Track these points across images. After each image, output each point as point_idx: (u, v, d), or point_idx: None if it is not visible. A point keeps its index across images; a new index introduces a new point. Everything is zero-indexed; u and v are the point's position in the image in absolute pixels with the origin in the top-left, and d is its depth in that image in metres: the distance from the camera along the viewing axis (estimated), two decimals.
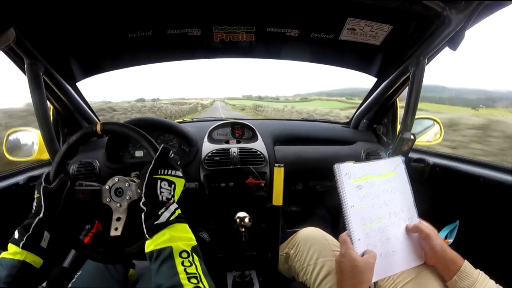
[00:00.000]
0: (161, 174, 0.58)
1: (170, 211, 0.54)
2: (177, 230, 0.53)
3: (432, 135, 1.36)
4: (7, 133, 1.17)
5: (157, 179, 0.58)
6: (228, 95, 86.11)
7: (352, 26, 1.03)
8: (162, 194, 0.56)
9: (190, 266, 0.48)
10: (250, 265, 1.10)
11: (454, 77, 48.61)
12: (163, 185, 0.58)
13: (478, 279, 0.59)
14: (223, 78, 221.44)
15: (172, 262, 0.48)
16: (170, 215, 0.54)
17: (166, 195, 0.57)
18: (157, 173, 0.58)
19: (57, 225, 0.61)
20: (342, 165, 0.63)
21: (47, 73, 0.96)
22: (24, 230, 0.57)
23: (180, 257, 0.49)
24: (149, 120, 1.23)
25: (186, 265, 0.48)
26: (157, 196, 0.56)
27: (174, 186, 0.59)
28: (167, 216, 0.54)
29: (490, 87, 22.15)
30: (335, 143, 1.36)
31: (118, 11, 0.92)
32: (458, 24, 0.83)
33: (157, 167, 0.59)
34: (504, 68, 55.88)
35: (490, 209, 0.92)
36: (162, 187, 0.57)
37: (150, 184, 0.57)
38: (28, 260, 0.55)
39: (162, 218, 0.53)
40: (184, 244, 0.51)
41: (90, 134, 0.68)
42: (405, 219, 0.67)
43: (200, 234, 1.23)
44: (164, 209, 0.54)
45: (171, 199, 0.57)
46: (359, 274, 0.57)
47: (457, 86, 31.32)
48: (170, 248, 0.49)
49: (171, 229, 0.52)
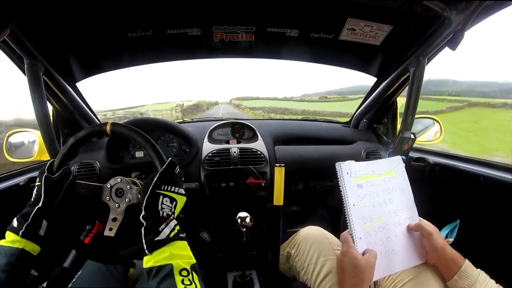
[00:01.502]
0: (164, 189, 0.58)
1: (170, 228, 0.54)
2: (177, 248, 0.53)
3: (432, 134, 1.36)
4: (7, 134, 1.17)
5: (159, 194, 0.57)
6: (232, 96, 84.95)
7: (352, 26, 1.03)
8: (163, 210, 0.56)
9: (190, 285, 0.48)
10: (251, 265, 1.10)
11: (462, 70, 48.28)
12: (165, 201, 0.57)
13: (478, 279, 0.60)
14: (224, 78, 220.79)
15: (172, 280, 0.48)
16: (170, 231, 0.54)
17: (167, 212, 0.57)
18: (160, 188, 0.58)
19: (55, 215, 0.61)
20: (344, 164, 0.63)
21: (47, 73, 0.96)
22: (23, 219, 0.57)
23: (180, 275, 0.49)
24: (149, 120, 1.23)
25: (186, 283, 0.48)
26: (158, 211, 0.56)
27: (175, 204, 0.59)
28: (167, 233, 0.53)
29: (500, 79, 22.13)
30: (335, 142, 1.36)
31: (118, 11, 0.92)
32: (458, 25, 0.83)
33: (161, 181, 0.58)
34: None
35: (491, 208, 0.92)
36: (163, 203, 0.57)
37: (152, 198, 0.57)
38: (27, 248, 0.55)
39: (162, 235, 0.53)
40: (184, 262, 0.51)
41: (99, 132, 0.68)
42: (405, 218, 0.67)
43: (201, 234, 1.23)
44: (164, 225, 0.54)
45: (171, 215, 0.57)
46: (360, 273, 0.57)
47: (466, 79, 31.21)
48: (170, 265, 0.49)
49: (171, 246, 0.52)
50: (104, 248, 0.65)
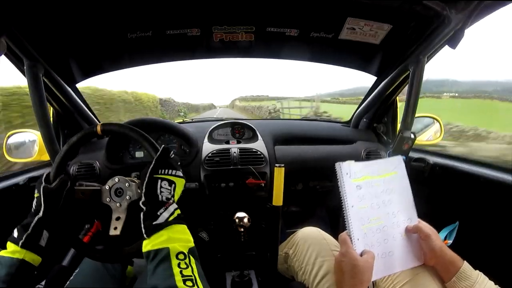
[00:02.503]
0: (161, 173, 0.59)
1: (169, 212, 0.55)
2: (175, 231, 0.53)
3: (432, 134, 1.35)
4: (7, 134, 1.17)
5: (157, 178, 0.58)
6: (235, 96, 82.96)
7: (352, 26, 1.02)
8: (162, 194, 0.57)
9: (186, 268, 0.48)
10: (249, 265, 1.10)
11: (462, 69, 46.50)
12: (163, 184, 0.58)
13: (477, 280, 0.59)
14: (223, 79, 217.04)
15: (169, 263, 0.48)
16: (169, 215, 0.54)
17: (166, 195, 0.57)
18: (157, 172, 0.59)
19: (56, 224, 0.61)
20: (343, 164, 0.63)
21: (46, 74, 0.97)
22: (23, 229, 0.57)
23: (176, 258, 0.49)
24: (150, 121, 1.23)
25: (182, 267, 0.48)
26: (157, 195, 0.56)
27: (174, 186, 0.60)
28: (166, 217, 0.54)
29: (501, 78, 21.73)
30: (335, 142, 1.36)
31: (117, 12, 0.92)
32: (458, 24, 0.83)
33: (157, 166, 0.59)
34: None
35: (490, 209, 0.92)
36: (162, 186, 0.57)
37: (151, 184, 0.57)
38: (27, 258, 0.55)
39: (160, 219, 0.53)
40: (181, 246, 0.51)
41: (91, 134, 0.68)
42: (404, 220, 0.66)
43: (200, 234, 1.24)
44: (163, 209, 0.54)
45: (171, 199, 0.57)
46: (359, 274, 0.57)
47: (467, 79, 30.64)
48: (167, 249, 0.50)
49: (169, 230, 0.53)
50: (111, 247, 0.65)
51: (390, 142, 1.35)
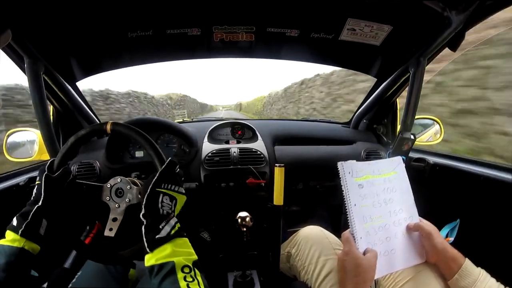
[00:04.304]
0: (164, 188, 0.58)
1: (170, 225, 0.54)
2: (178, 245, 0.53)
3: (432, 135, 1.36)
4: (7, 133, 1.16)
5: (159, 192, 0.57)
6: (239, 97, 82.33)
7: (352, 27, 1.03)
8: (163, 208, 0.56)
9: (192, 282, 0.48)
10: (251, 265, 1.10)
11: None
12: (164, 199, 0.57)
13: (479, 277, 0.60)
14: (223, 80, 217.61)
15: (174, 277, 0.47)
16: (170, 229, 0.53)
17: (167, 210, 0.56)
18: (160, 186, 0.58)
19: (55, 214, 0.61)
20: (346, 163, 0.63)
21: (47, 72, 0.96)
22: (22, 218, 0.56)
23: (182, 272, 0.48)
24: (150, 120, 1.23)
25: (188, 280, 0.48)
26: (158, 209, 0.55)
27: (175, 202, 0.59)
28: (168, 230, 0.53)
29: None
30: (335, 143, 1.36)
31: (118, 11, 0.92)
32: (458, 25, 0.83)
33: (161, 180, 0.58)
34: None
35: (491, 207, 0.92)
36: (163, 201, 0.57)
37: (152, 197, 0.56)
38: (27, 247, 0.55)
39: (163, 232, 0.52)
40: (185, 259, 0.50)
41: (99, 131, 0.68)
42: (405, 218, 0.67)
43: (201, 234, 1.23)
44: (164, 223, 0.54)
45: (171, 213, 0.57)
46: (362, 273, 0.57)
47: None
48: (172, 263, 0.49)
49: (172, 243, 0.52)
50: (104, 248, 0.65)
51: (390, 143, 1.36)
